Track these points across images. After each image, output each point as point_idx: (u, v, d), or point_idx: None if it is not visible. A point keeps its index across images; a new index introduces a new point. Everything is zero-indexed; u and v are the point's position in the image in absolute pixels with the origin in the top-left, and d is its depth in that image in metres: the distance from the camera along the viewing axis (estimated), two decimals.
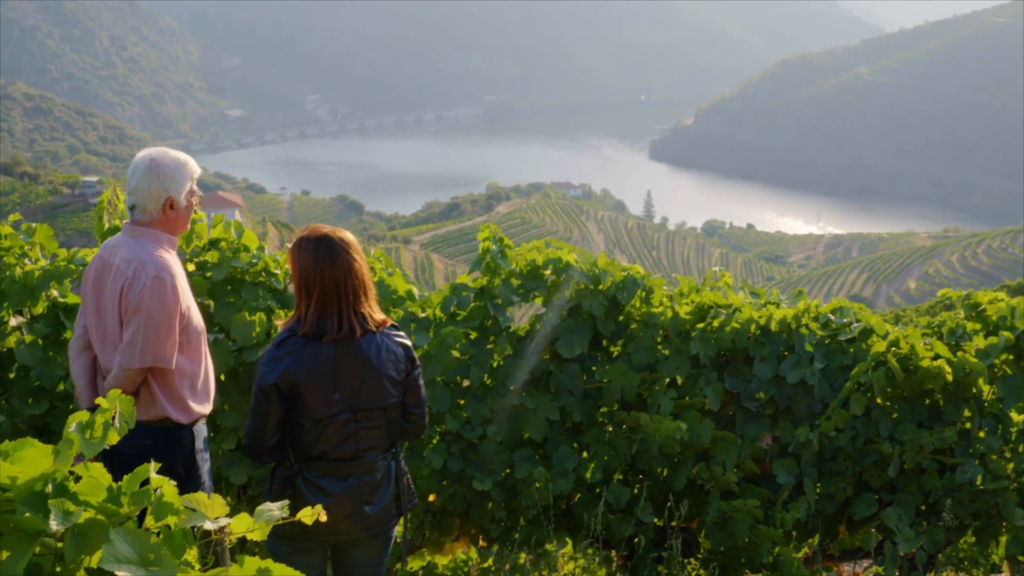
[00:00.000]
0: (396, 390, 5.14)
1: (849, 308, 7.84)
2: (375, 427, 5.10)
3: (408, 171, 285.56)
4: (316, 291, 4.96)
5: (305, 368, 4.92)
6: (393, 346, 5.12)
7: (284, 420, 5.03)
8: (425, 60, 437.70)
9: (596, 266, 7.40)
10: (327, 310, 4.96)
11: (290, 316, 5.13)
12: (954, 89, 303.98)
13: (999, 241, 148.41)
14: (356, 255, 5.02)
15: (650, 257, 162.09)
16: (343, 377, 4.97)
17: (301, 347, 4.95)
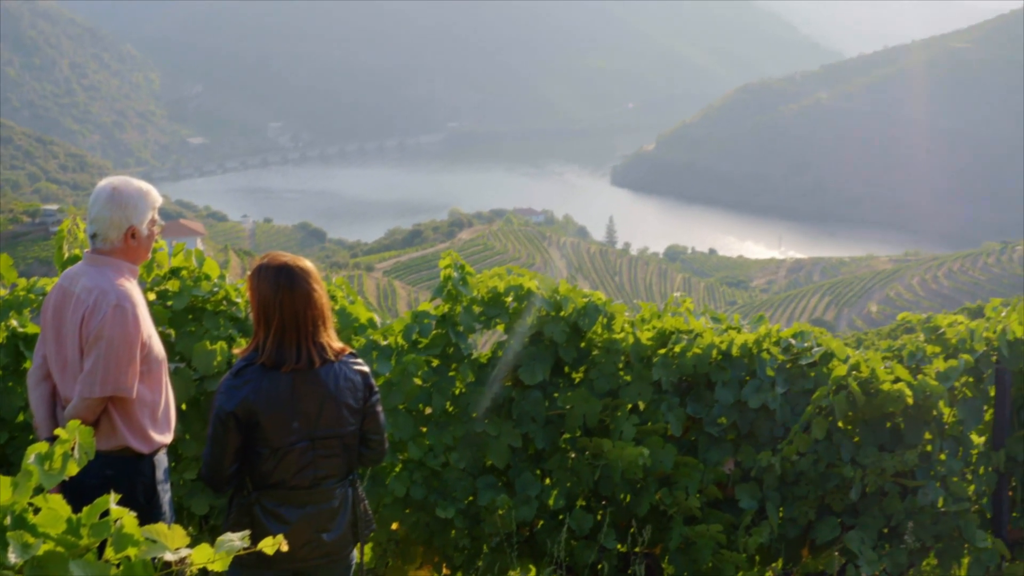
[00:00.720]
0: (354, 418, 5.12)
1: (810, 332, 7.88)
2: (333, 455, 5.08)
3: (370, 198, 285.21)
4: (275, 321, 4.93)
5: (263, 397, 4.89)
6: (351, 374, 5.10)
7: (242, 449, 5.00)
8: (387, 87, 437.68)
9: (557, 293, 7.42)
10: (286, 340, 4.93)
11: (248, 344, 5.11)
12: (913, 113, 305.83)
13: (959, 264, 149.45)
14: (316, 284, 5.01)
15: (613, 283, 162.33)
16: (301, 406, 4.95)
17: (259, 376, 4.92)
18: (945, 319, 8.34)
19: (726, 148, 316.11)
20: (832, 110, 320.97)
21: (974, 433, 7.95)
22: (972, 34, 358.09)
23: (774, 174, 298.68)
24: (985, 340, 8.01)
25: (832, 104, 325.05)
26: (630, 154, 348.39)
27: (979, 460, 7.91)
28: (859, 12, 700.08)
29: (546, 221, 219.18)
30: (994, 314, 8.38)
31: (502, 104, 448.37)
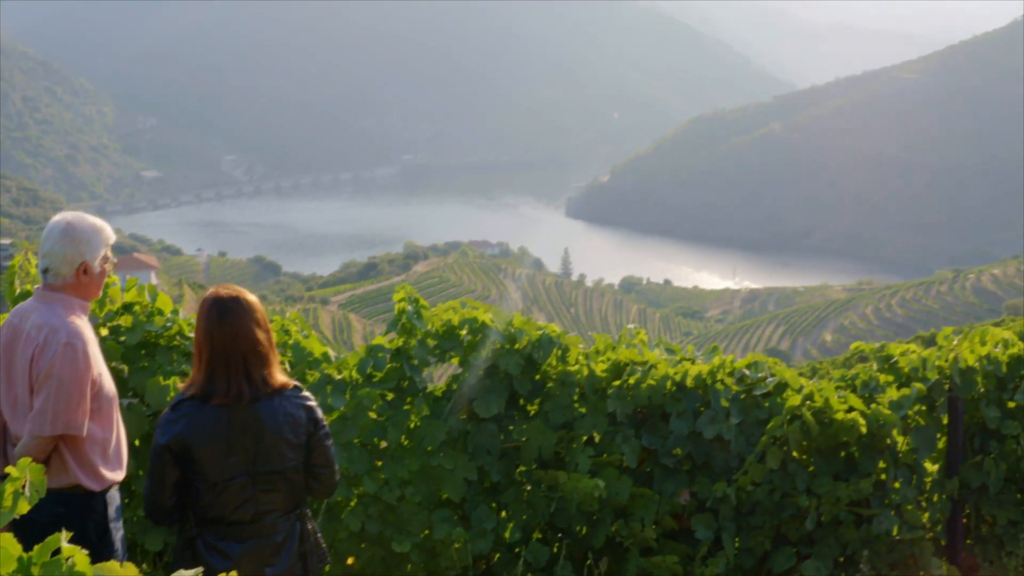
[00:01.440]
0: (295, 453, 5.10)
1: (764, 363, 7.91)
2: (274, 490, 5.06)
3: (325, 231, 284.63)
4: (206, 354, 4.94)
5: (198, 431, 4.89)
6: (292, 409, 5.08)
7: (181, 482, 4.99)
8: (342, 120, 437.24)
9: (512, 325, 7.42)
10: (215, 373, 4.93)
11: (189, 378, 5.11)
12: (865, 143, 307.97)
13: (912, 292, 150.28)
14: (250, 317, 5.00)
15: (568, 314, 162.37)
16: (237, 441, 4.94)
17: (195, 410, 4.92)
18: (898, 348, 8.41)
19: (680, 179, 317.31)
20: (785, 141, 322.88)
21: (928, 461, 8.00)
22: (920, 65, 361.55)
23: (728, 205, 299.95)
24: (937, 368, 8.07)
25: (785, 135, 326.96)
26: (584, 186, 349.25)
27: (933, 488, 7.96)
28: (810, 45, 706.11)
29: (501, 253, 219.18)
30: (946, 343, 8.44)
31: (457, 136, 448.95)
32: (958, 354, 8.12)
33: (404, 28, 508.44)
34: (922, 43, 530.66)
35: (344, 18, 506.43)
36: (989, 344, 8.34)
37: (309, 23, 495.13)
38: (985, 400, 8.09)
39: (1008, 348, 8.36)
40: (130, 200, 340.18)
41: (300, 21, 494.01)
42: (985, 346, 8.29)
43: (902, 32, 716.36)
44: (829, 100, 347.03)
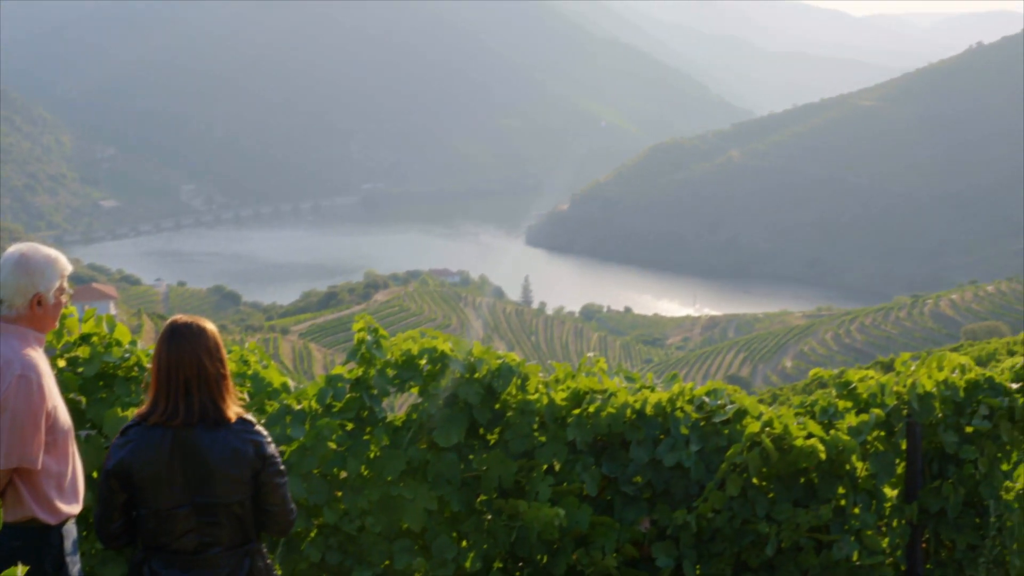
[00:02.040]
0: (240, 488, 5.07)
1: (723, 390, 7.94)
2: (218, 523, 5.04)
3: (285, 260, 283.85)
4: (153, 375, 4.99)
5: (140, 458, 4.91)
6: (238, 443, 5.05)
7: (128, 507, 5.02)
8: (301, 149, 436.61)
9: (471, 354, 7.43)
10: (159, 395, 4.97)
11: None
12: (823, 170, 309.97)
13: (871, 318, 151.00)
14: (199, 343, 5.01)
15: (529, 342, 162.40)
16: (179, 470, 4.93)
17: (140, 436, 4.95)
18: (856, 374, 8.45)
19: (640, 206, 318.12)
20: (744, 168, 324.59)
21: (887, 486, 8.03)
22: (879, 92, 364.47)
23: (688, 232, 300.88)
24: (896, 394, 8.12)
25: (744, 162, 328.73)
26: (544, 214, 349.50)
27: (892, 513, 7.99)
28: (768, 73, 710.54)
29: (462, 282, 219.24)
30: (904, 368, 8.49)
31: (417, 165, 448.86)
32: (916, 380, 8.17)
33: (363, 57, 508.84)
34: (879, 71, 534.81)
35: (303, 48, 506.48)
36: (946, 370, 8.39)
37: (269, 53, 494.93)
38: (943, 425, 8.13)
39: (965, 373, 8.42)
40: (89, 230, 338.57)
41: (260, 51, 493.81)
42: (942, 371, 8.35)
43: (858, 60, 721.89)
44: (787, 127, 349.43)
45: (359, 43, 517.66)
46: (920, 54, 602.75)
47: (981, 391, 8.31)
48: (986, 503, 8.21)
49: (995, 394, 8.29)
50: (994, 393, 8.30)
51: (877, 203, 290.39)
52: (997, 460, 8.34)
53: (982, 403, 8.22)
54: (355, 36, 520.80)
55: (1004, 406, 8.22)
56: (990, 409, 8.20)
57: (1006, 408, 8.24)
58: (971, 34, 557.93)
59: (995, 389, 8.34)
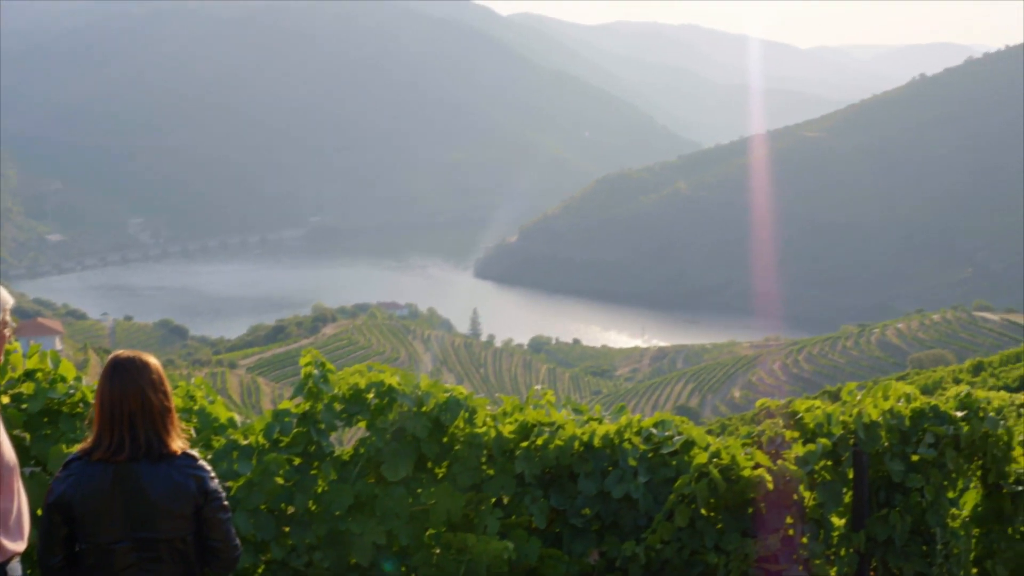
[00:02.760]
0: (181, 524, 5.04)
1: (671, 421, 7.96)
2: (159, 559, 5.01)
3: (233, 294, 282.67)
4: (96, 410, 4.95)
5: (80, 493, 4.88)
6: (180, 477, 5.03)
7: (70, 541, 4.99)
8: (249, 182, 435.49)
9: (419, 388, 7.42)
10: (103, 430, 4.94)
11: None
12: (769, 201, 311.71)
13: (819, 348, 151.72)
14: (143, 378, 4.99)
15: (478, 375, 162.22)
16: (119, 505, 4.90)
17: (81, 471, 4.92)
18: (803, 404, 8.49)
19: (588, 238, 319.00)
20: (691, 199, 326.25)
21: (834, 515, 8.06)
22: (823, 123, 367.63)
23: (636, 263, 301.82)
24: (842, 424, 8.16)
25: (691, 193, 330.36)
26: (493, 246, 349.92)
27: (840, 542, 8.02)
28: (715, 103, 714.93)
29: (410, 315, 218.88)
30: (850, 398, 8.54)
31: (364, 198, 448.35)
32: (862, 409, 8.22)
33: (311, 89, 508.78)
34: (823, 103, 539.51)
35: (251, 80, 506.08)
36: (892, 399, 8.44)
37: (217, 88, 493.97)
38: (889, 454, 8.18)
39: (911, 402, 8.48)
40: (34, 264, 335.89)
41: (208, 86, 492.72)
42: (888, 400, 8.40)
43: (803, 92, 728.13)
44: (733, 159, 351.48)
45: (306, 78, 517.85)
46: (864, 86, 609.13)
47: (926, 420, 8.38)
48: (933, 531, 8.26)
49: (940, 422, 8.36)
50: (939, 421, 8.37)
51: (824, 233, 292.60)
52: (943, 488, 8.40)
53: (928, 431, 8.28)
54: (302, 71, 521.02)
55: (949, 434, 8.29)
56: (936, 437, 8.27)
57: (951, 436, 8.31)
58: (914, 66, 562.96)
59: (940, 417, 8.41)
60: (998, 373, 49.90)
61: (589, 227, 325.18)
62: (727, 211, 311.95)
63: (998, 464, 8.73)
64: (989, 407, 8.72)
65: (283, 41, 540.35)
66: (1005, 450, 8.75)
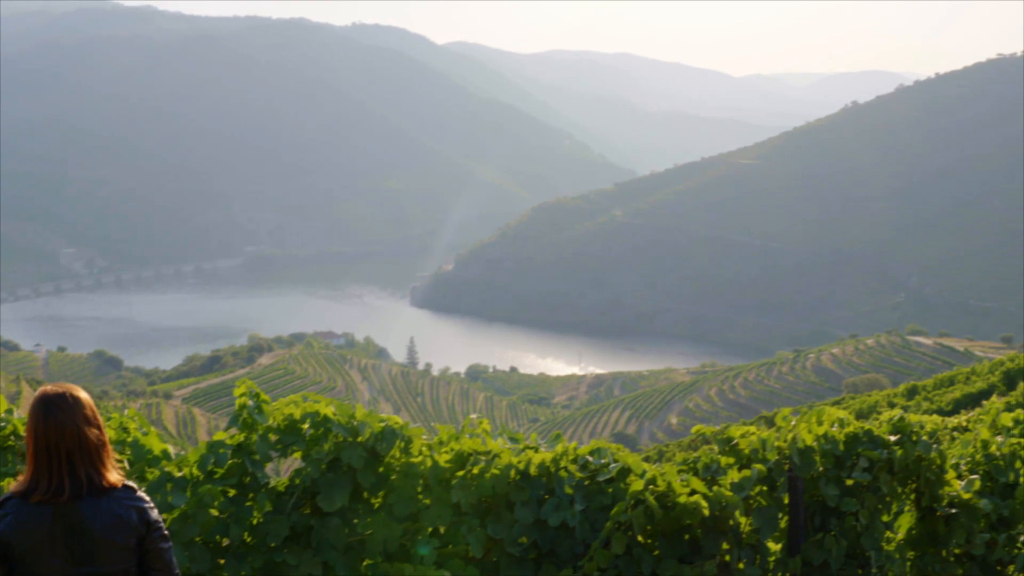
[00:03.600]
0: (124, 556, 5.00)
1: (607, 449, 7.97)
2: None
3: (168, 324, 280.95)
4: (31, 450, 4.87)
5: (19, 530, 4.81)
6: (121, 510, 4.99)
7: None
8: (184, 211, 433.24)
9: (354, 418, 7.39)
10: (39, 469, 4.86)
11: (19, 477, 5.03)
12: (705, 228, 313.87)
13: (755, 374, 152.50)
14: (77, 413, 4.94)
15: (415, 404, 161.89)
16: (61, 542, 4.84)
17: (18, 508, 4.85)
18: (738, 430, 8.53)
19: (524, 266, 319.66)
20: (627, 226, 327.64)
21: (771, 540, 8.10)
22: (757, 151, 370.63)
23: (572, 291, 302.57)
24: (777, 449, 8.21)
25: (627, 221, 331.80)
26: (429, 274, 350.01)
27: (776, 567, 8.06)
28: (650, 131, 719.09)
29: (347, 344, 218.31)
30: (784, 423, 8.59)
31: (300, 227, 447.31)
32: (796, 434, 8.28)
33: (245, 117, 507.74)
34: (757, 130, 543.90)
35: (185, 108, 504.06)
36: (826, 424, 8.51)
37: (151, 116, 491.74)
38: (824, 479, 8.23)
39: (844, 427, 8.55)
40: None
41: (142, 114, 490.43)
42: (822, 426, 8.46)
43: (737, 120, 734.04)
44: (669, 186, 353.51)
45: (241, 106, 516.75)
46: (797, 113, 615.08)
47: (860, 444, 8.44)
48: (868, 554, 8.32)
49: (874, 447, 8.43)
50: (873, 446, 8.44)
51: (758, 260, 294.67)
52: (878, 511, 8.46)
53: (862, 456, 8.35)
54: (237, 99, 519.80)
55: (883, 458, 8.36)
56: (870, 462, 8.33)
57: (885, 460, 8.38)
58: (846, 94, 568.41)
59: (874, 442, 8.48)
60: (932, 397, 50.33)
61: (525, 255, 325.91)
62: (663, 238, 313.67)
63: (931, 487, 8.81)
64: (922, 431, 8.80)
65: (219, 69, 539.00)
66: (938, 473, 8.84)
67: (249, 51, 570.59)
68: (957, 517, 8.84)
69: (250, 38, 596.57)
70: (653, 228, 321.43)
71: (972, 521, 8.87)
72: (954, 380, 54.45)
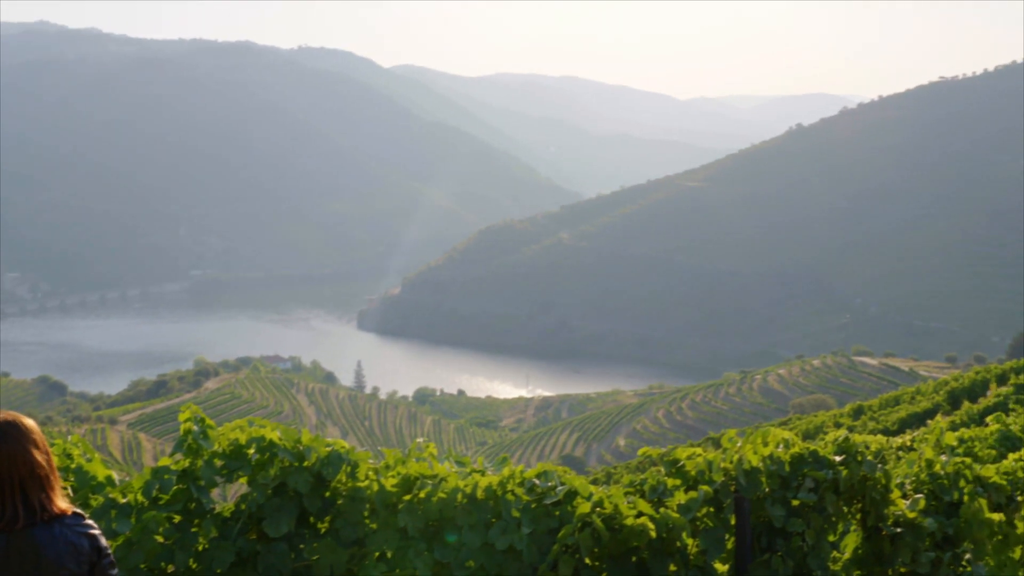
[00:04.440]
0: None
1: (553, 471, 7.97)
2: None
3: (113, 349, 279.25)
4: None
5: None
6: (74, 537, 4.96)
7: None
8: (129, 236, 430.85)
9: (300, 443, 7.36)
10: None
11: None
12: (651, 250, 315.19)
13: (702, 395, 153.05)
14: (27, 441, 4.91)
15: (363, 428, 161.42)
16: (14, 570, 4.81)
17: None
18: (684, 452, 8.55)
19: (471, 289, 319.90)
20: (574, 249, 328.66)
21: (717, 562, 8.11)
22: (703, 173, 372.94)
23: (519, 313, 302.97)
24: (723, 471, 8.23)
25: (573, 243, 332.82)
26: (376, 298, 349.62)
27: None
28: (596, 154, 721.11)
29: (294, 368, 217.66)
30: (730, 444, 8.62)
31: (247, 251, 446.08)
32: (742, 455, 8.30)
33: (192, 141, 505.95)
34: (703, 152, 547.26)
35: (131, 131, 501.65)
36: (771, 444, 8.54)
37: (95, 136, 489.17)
38: (770, 499, 8.26)
39: (790, 448, 8.58)
40: None
41: (87, 137, 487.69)
42: (768, 447, 8.50)
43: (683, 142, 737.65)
44: (615, 208, 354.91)
45: (188, 129, 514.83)
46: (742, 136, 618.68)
47: (806, 464, 8.48)
48: (815, 574, 8.34)
49: (819, 467, 8.46)
50: (818, 466, 8.47)
51: (705, 282, 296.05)
52: (824, 532, 8.50)
53: (807, 476, 8.38)
54: (184, 122, 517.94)
55: (829, 478, 8.40)
56: (815, 482, 8.37)
57: (831, 480, 8.42)
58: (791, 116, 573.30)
59: (819, 462, 8.52)
60: (878, 416, 50.68)
61: (472, 278, 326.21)
62: (609, 260, 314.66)
63: (877, 507, 8.85)
64: (868, 451, 8.87)
65: (164, 93, 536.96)
66: (883, 493, 8.89)
67: (195, 74, 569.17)
68: (902, 536, 8.89)
69: (196, 61, 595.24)
70: (600, 250, 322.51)
71: (917, 540, 8.92)
72: (899, 400, 54.86)
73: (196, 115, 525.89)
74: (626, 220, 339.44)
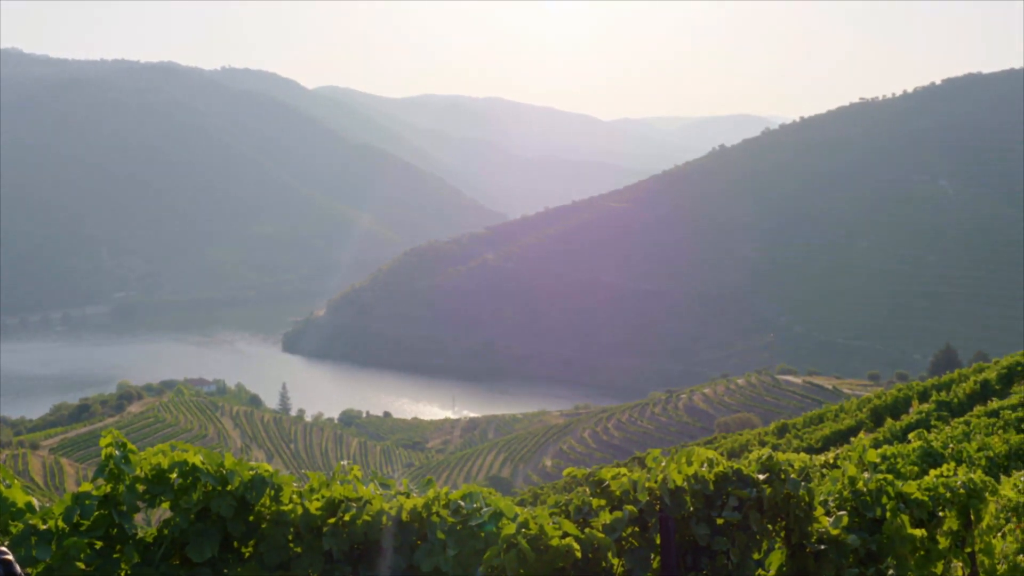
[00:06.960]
0: None
1: (479, 493, 7.96)
2: None
3: (35, 373, 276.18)
4: None
5: None
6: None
7: None
8: (50, 258, 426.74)
9: (223, 467, 7.31)
10: None
11: None
12: (576, 271, 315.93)
13: (628, 415, 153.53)
14: None
15: (288, 450, 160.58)
16: None
17: None
18: (609, 472, 8.56)
19: (396, 311, 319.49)
20: (498, 270, 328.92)
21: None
22: (628, 194, 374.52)
23: (445, 335, 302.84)
24: (648, 490, 8.25)
25: (498, 264, 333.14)
26: (300, 320, 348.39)
27: None
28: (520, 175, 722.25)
29: (218, 391, 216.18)
30: (655, 464, 8.64)
31: (169, 273, 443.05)
32: (667, 475, 8.33)
33: (114, 162, 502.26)
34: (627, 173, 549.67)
35: (52, 152, 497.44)
36: (696, 464, 8.58)
37: (14, 157, 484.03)
38: (695, 518, 8.29)
39: (714, 467, 8.63)
40: None
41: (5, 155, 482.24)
42: (692, 466, 8.53)
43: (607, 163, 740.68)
44: (540, 229, 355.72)
45: (110, 150, 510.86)
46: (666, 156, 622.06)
47: (730, 483, 8.53)
48: None
49: (743, 485, 8.52)
50: (742, 485, 8.53)
51: (629, 302, 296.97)
52: (748, 549, 8.54)
53: (731, 495, 8.43)
54: (106, 143, 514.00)
55: (752, 497, 8.45)
56: (739, 500, 8.42)
57: (755, 499, 8.48)
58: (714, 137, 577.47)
59: (743, 481, 8.57)
60: (802, 434, 51.09)
61: (398, 299, 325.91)
62: (534, 281, 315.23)
63: (801, 524, 8.92)
64: (791, 469, 8.93)
65: (85, 113, 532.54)
66: (807, 510, 8.95)
67: (117, 95, 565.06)
68: (826, 553, 8.96)
69: (117, 81, 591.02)
70: (525, 271, 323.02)
71: (841, 557, 8.99)
72: (823, 418, 55.31)
73: (118, 137, 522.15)
74: (551, 241, 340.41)
